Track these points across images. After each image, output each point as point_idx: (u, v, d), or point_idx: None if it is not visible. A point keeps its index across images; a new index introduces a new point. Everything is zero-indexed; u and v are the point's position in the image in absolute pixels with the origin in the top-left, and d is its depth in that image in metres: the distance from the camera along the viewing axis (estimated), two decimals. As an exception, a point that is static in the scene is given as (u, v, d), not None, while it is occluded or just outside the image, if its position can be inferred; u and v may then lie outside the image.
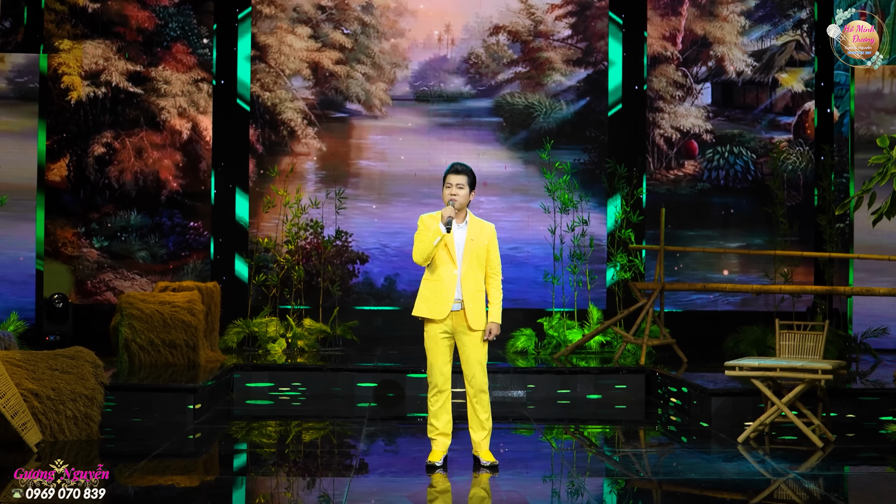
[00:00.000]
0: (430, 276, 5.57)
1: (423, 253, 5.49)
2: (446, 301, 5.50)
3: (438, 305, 5.51)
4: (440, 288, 5.51)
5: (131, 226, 10.92)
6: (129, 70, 10.94)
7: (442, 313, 5.50)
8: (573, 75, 11.32)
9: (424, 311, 5.56)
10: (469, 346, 5.56)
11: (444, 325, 5.54)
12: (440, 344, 5.56)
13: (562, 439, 6.91)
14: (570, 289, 10.32)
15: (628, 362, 8.94)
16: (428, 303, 5.54)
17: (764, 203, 11.05)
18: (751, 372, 6.40)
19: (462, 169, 5.59)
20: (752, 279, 11.15)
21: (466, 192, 5.55)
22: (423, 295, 5.57)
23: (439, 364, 5.56)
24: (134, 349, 8.12)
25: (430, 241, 5.46)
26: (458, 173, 5.57)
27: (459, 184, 5.54)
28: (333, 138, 11.15)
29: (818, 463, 5.96)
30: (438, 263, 5.52)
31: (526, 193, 11.15)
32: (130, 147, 10.92)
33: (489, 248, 5.61)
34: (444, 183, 5.58)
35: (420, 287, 5.62)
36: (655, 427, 7.39)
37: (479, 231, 5.58)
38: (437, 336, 5.55)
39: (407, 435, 6.93)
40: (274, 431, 7.02)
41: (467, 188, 5.55)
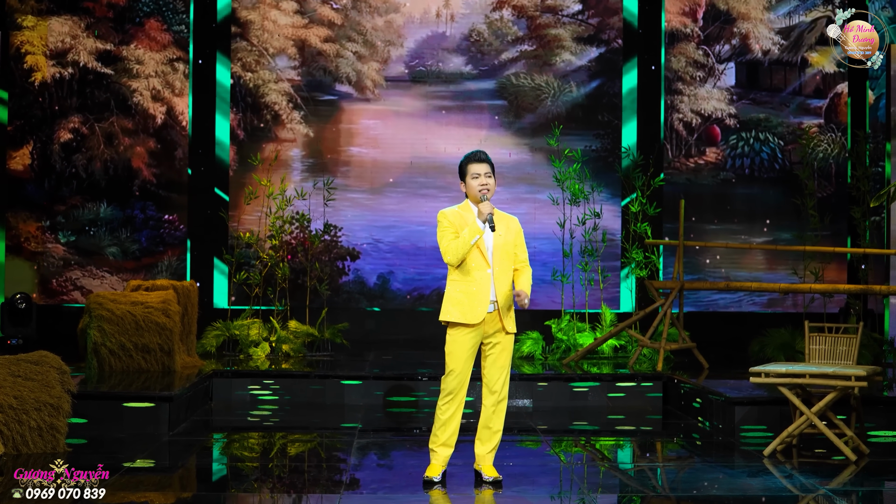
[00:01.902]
0: (460, 278, 5.57)
1: (459, 253, 5.50)
2: (481, 304, 5.52)
3: (474, 309, 5.52)
4: (473, 290, 5.53)
5: (101, 219, 10.92)
6: (99, 49, 10.93)
7: (477, 317, 5.52)
8: (584, 54, 11.31)
9: (457, 316, 5.55)
10: (499, 351, 5.61)
11: (476, 330, 5.57)
12: (467, 349, 5.58)
13: (571, 452, 6.92)
14: (580, 288, 10.33)
15: (644, 368, 8.94)
16: (460, 306, 5.54)
17: (792, 194, 11.06)
18: (778, 379, 6.41)
19: (484, 156, 5.63)
20: (779, 277, 11.16)
21: (494, 181, 5.60)
22: (454, 298, 5.58)
23: (462, 370, 5.59)
24: (104, 354, 8.12)
25: (467, 239, 5.48)
26: (483, 161, 5.60)
27: (488, 172, 5.57)
28: (321, 123, 11.15)
29: (851, 478, 5.97)
30: (470, 263, 5.55)
31: (532, 183, 11.15)
32: (100, 133, 10.92)
33: (516, 242, 5.65)
34: (468, 174, 5.59)
35: (447, 290, 5.63)
36: (674, 439, 7.40)
37: (506, 226, 5.62)
38: (467, 341, 5.57)
39: (402, 448, 6.94)
40: (256, 444, 7.03)
41: (493, 177, 5.60)
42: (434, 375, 8.18)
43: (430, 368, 8.55)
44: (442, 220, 5.60)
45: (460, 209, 5.62)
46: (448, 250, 5.53)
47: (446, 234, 5.56)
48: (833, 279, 11.06)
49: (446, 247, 5.55)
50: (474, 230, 5.48)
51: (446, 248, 5.54)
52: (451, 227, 5.56)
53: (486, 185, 5.54)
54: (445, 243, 5.55)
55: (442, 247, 5.57)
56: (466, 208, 5.61)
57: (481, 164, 5.57)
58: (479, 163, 5.58)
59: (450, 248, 5.52)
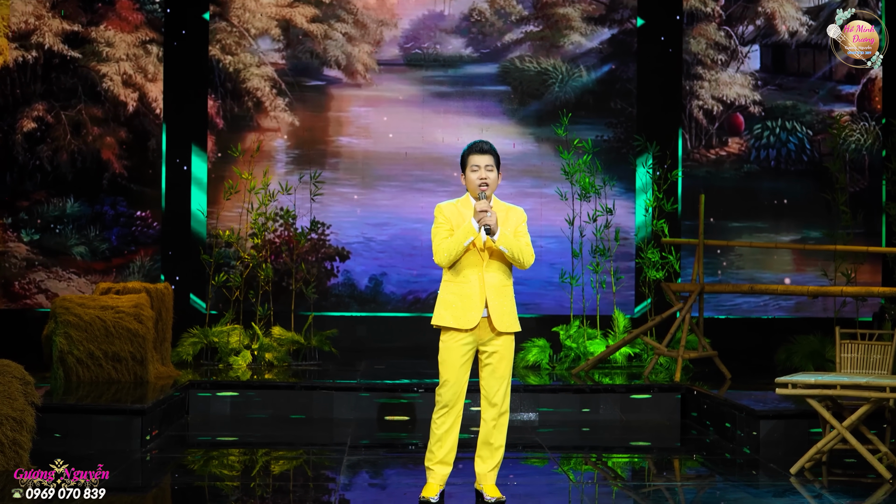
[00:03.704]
0: (453, 279, 5.54)
1: (450, 255, 5.46)
2: (475, 307, 5.48)
3: (467, 313, 5.49)
4: (467, 292, 5.49)
5: (67, 216, 10.93)
6: (65, 30, 10.94)
7: (471, 322, 5.48)
8: (595, 36, 11.33)
9: (448, 320, 5.51)
10: (497, 359, 5.56)
11: (469, 336, 5.54)
12: (461, 357, 5.54)
13: (581, 471, 6.93)
14: (591, 291, 10.34)
15: (661, 379, 8.96)
16: (453, 310, 5.51)
17: (822, 188, 11.07)
18: (806, 390, 6.41)
19: (487, 147, 5.56)
20: (808, 279, 11.17)
21: (495, 174, 5.53)
22: (447, 301, 5.54)
23: (456, 379, 5.54)
24: (71, 363, 8.13)
25: (459, 240, 5.42)
26: (485, 153, 5.54)
27: (489, 165, 5.51)
28: (308, 111, 11.16)
29: (885, 497, 5.97)
30: (464, 263, 5.51)
31: (538, 177, 11.16)
32: (66, 122, 10.93)
33: (516, 232, 5.55)
34: (468, 166, 5.54)
35: (440, 291, 5.60)
36: (693, 456, 7.41)
37: (504, 218, 5.53)
38: (460, 347, 5.53)
39: (396, 465, 6.94)
40: (237, 461, 7.03)
41: (495, 170, 5.54)
42: (431, 387, 8.18)
43: (427, 378, 8.55)
44: (438, 215, 5.57)
45: (459, 204, 5.59)
46: (438, 250, 5.50)
47: (440, 232, 5.53)
48: (866, 281, 11.07)
49: (437, 246, 5.52)
50: (468, 231, 5.42)
51: (437, 248, 5.51)
52: (447, 223, 5.52)
53: (486, 180, 5.48)
54: (437, 242, 5.52)
55: (434, 245, 5.54)
56: (466, 203, 5.57)
57: (483, 156, 5.53)
58: (481, 154, 5.54)
59: (440, 249, 5.49)
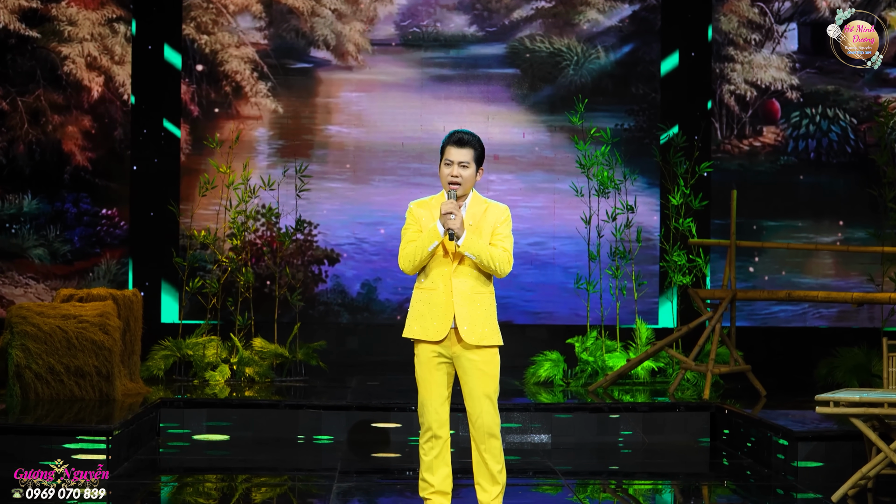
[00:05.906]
0: (422, 284, 5.45)
1: (412, 259, 5.36)
2: (444, 316, 5.37)
3: (434, 322, 5.39)
4: (435, 300, 5.40)
5: (24, 214, 10.94)
6: (22, 6, 10.95)
7: (438, 332, 5.39)
8: (614, 12, 11.33)
9: (417, 332, 5.43)
10: (471, 374, 5.43)
11: (441, 348, 5.47)
12: (435, 372, 5.45)
13: (599, 499, 6.93)
14: (610, 298, 10.34)
15: (688, 396, 8.95)
16: (421, 319, 5.42)
17: (867, 183, 11.07)
18: (850, 409, 6.41)
19: (468, 139, 5.40)
20: (851, 285, 11.17)
21: (472, 171, 5.38)
22: (416, 309, 5.45)
23: (433, 400, 5.47)
24: (28, 378, 8.13)
25: (423, 245, 5.33)
26: (462, 144, 5.38)
27: (463, 162, 5.36)
28: (293, 97, 11.17)
29: (940, 530, 5.98)
30: (432, 267, 5.42)
31: (551, 170, 11.17)
32: (23, 109, 10.93)
33: (494, 232, 5.41)
34: (443, 158, 5.44)
35: (412, 298, 5.51)
36: (723, 482, 7.41)
37: (480, 213, 5.41)
38: (431, 361, 5.45)
39: (392, 493, 6.95)
40: (214, 488, 7.04)
41: (473, 166, 5.38)
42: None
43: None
44: (407, 215, 5.47)
45: (433, 201, 5.46)
46: (401, 255, 5.41)
47: (407, 234, 5.43)
48: (918, 287, 11.07)
49: (401, 250, 5.42)
50: (432, 234, 5.31)
51: (400, 253, 5.42)
52: (416, 223, 5.41)
53: (457, 178, 5.34)
54: (402, 245, 5.42)
55: (399, 249, 5.45)
56: (441, 200, 5.41)
57: (459, 149, 5.36)
58: (458, 147, 5.37)
59: (404, 253, 5.40)
